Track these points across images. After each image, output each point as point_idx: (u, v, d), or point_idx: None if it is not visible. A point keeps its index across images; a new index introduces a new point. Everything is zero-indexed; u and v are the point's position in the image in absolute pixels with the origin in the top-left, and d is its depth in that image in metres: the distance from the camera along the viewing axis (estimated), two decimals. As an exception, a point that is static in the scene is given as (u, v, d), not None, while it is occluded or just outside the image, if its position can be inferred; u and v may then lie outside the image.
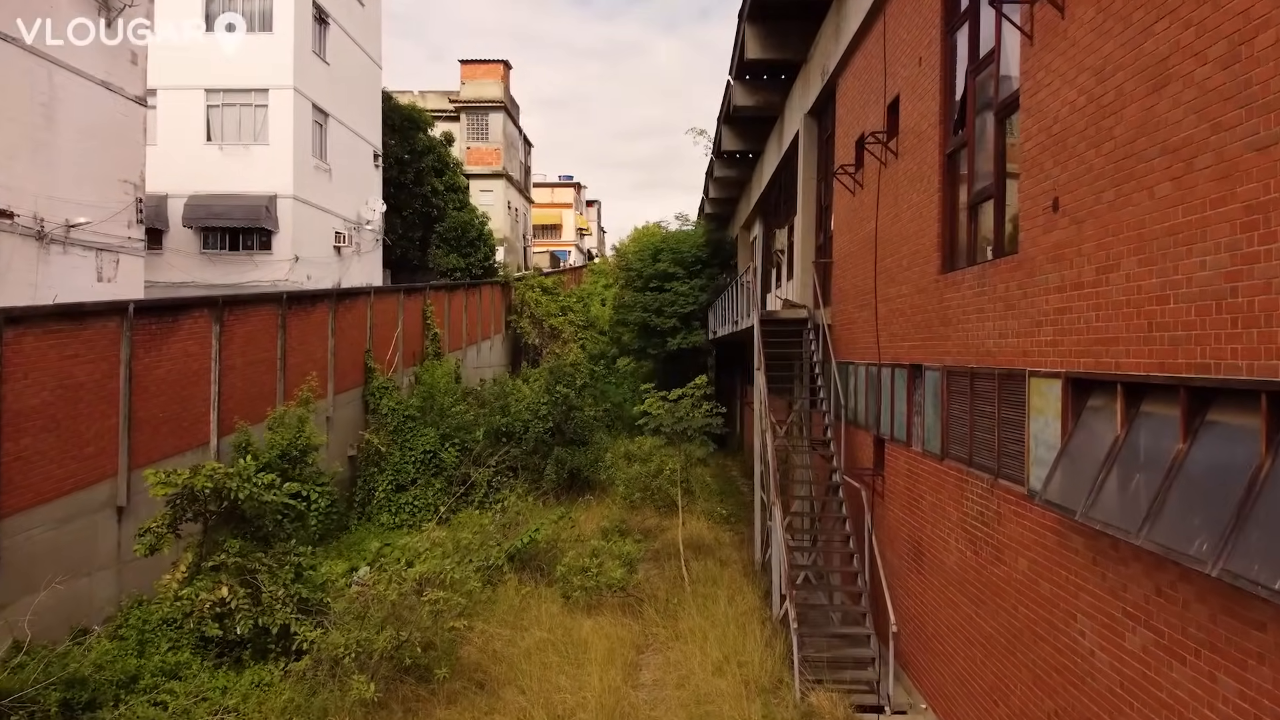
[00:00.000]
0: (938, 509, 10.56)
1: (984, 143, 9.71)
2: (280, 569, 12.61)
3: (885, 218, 13.02)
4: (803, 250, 19.81)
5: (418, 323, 28.06)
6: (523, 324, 41.64)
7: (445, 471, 22.17)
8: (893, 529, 12.44)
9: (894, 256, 12.56)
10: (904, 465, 11.99)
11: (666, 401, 16.62)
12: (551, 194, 74.37)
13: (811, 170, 19.65)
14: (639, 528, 20.92)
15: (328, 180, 31.20)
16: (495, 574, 15.03)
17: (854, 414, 14.66)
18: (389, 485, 21.58)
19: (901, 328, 12.13)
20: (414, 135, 38.20)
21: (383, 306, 24.93)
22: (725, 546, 19.45)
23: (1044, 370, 7.71)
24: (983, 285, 9.16)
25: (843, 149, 16.19)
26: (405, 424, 22.39)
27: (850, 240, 15.47)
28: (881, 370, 13.13)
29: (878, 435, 13.35)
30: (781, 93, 22.76)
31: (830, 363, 15.28)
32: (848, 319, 15.52)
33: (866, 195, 14.34)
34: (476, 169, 44.38)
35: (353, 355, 22.73)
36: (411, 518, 21.23)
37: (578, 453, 23.19)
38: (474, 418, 24.31)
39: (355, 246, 33.43)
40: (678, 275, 33.65)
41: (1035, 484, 7.87)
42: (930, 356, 10.87)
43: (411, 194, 37.75)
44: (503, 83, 44.98)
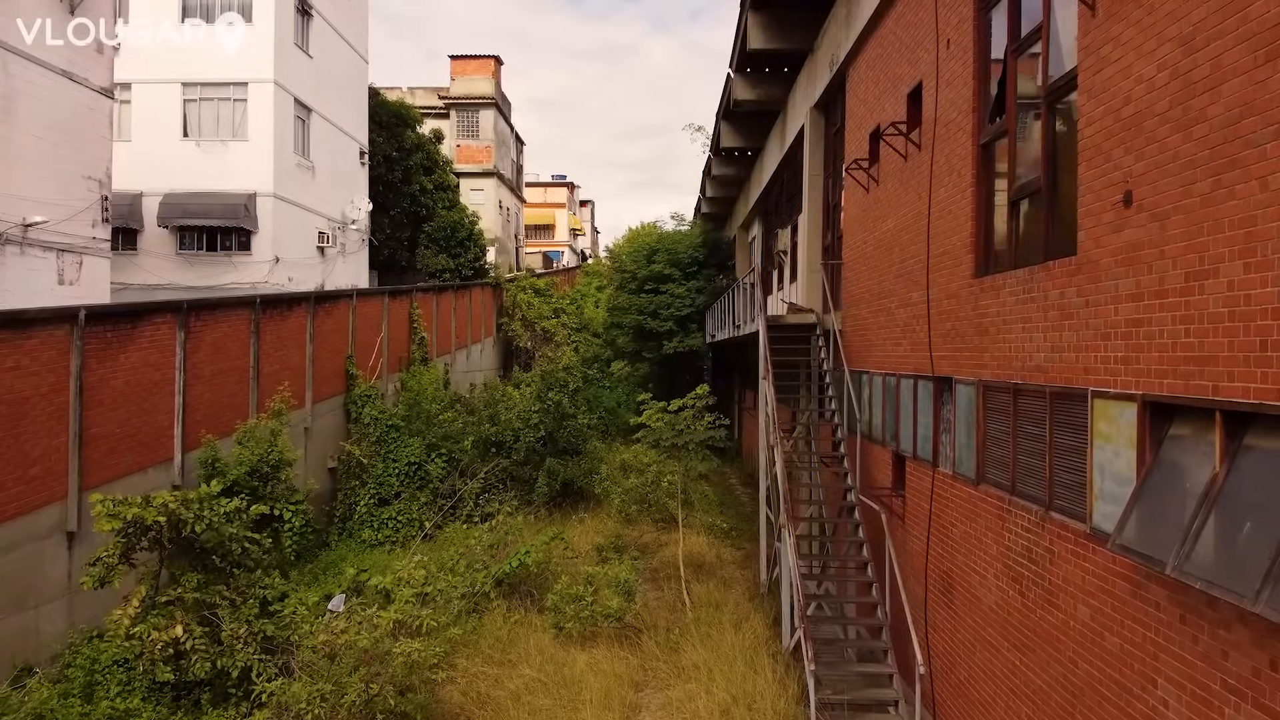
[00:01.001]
0: (972, 539, 9.47)
1: (1028, 131, 8.63)
2: (243, 603, 11.48)
3: (906, 216, 11.94)
4: (808, 251, 18.73)
5: (404, 326, 26.91)
6: (514, 327, 40.50)
7: (431, 484, 21.03)
8: (916, 557, 11.35)
9: (917, 258, 11.48)
10: (929, 487, 10.91)
11: (666, 413, 15.51)
12: (544, 194, 73.16)
13: (818, 167, 18.58)
14: (635, 543, 19.82)
15: (310, 178, 30.03)
16: (481, 601, 13.91)
17: (869, 428, 13.59)
18: (371, 499, 20.43)
19: (927, 336, 11.04)
20: (402, 132, 37.05)
21: (366, 309, 23.78)
22: (727, 564, 18.35)
23: (1113, 391, 6.63)
24: (1029, 291, 8.08)
25: (854, 143, 15.12)
26: (389, 434, 21.24)
27: (863, 240, 14.40)
28: (902, 382, 12.05)
29: (897, 452, 12.27)
30: (784, 86, 21.69)
31: (843, 372, 14.20)
32: (860, 325, 14.45)
33: (883, 192, 13.26)
34: (467, 167, 43.20)
35: (333, 361, 21.57)
36: (395, 533, 20.08)
37: (571, 463, 22.07)
38: (462, 426, 23.18)
39: (340, 247, 32.25)
40: (673, 277, 32.57)
41: (1101, 522, 6.79)
42: (963, 369, 9.78)
43: (399, 193, 36.60)
44: (494, 78, 43.80)
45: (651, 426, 15.45)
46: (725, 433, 15.82)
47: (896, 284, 12.45)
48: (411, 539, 19.73)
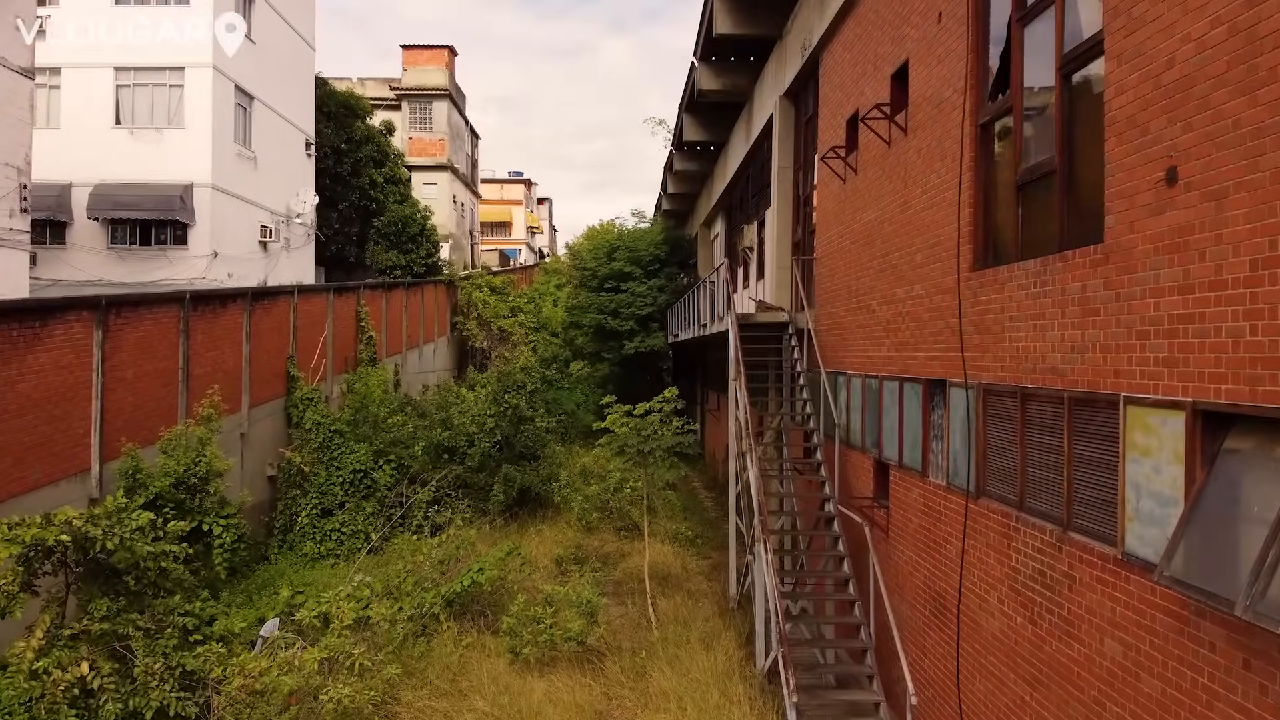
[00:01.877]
0: (971, 558, 8.62)
1: (1039, 106, 7.78)
2: (161, 634, 10.26)
3: (891, 206, 11.08)
4: (777, 247, 17.87)
5: (350, 325, 25.60)
6: (469, 326, 39.21)
7: (378, 493, 19.82)
8: (904, 574, 10.49)
9: (903, 251, 10.63)
10: (918, 499, 10.05)
11: (631, 417, 14.52)
12: (501, 190, 71.74)
13: (788, 158, 17.73)
14: (597, 554, 18.83)
15: (252, 169, 28.56)
16: (430, 623, 12.81)
17: (847, 433, 12.72)
18: (313, 510, 19.17)
19: (914, 335, 10.19)
20: (351, 123, 35.62)
21: (309, 307, 22.47)
22: (694, 576, 17.42)
23: (1152, 397, 5.78)
24: (1042, 284, 7.22)
25: (829, 131, 14.26)
26: (332, 440, 19.98)
27: (840, 234, 13.54)
28: (885, 384, 11.19)
29: (879, 459, 11.42)
30: (751, 75, 20.83)
31: (820, 373, 13.32)
32: (836, 323, 13.59)
33: (862, 181, 12.40)
34: (419, 161, 41.79)
35: (272, 363, 20.25)
36: (339, 546, 18.86)
37: (529, 469, 21.00)
38: (412, 431, 21.96)
39: (284, 242, 30.79)
40: (635, 275, 31.60)
41: (1136, 546, 5.94)
42: (957, 370, 8.93)
43: (348, 186, 35.17)
44: (447, 69, 42.45)
45: (615, 432, 14.44)
46: (694, 438, 14.86)
47: (878, 279, 11.59)
48: (357, 552, 18.52)
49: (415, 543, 18.75)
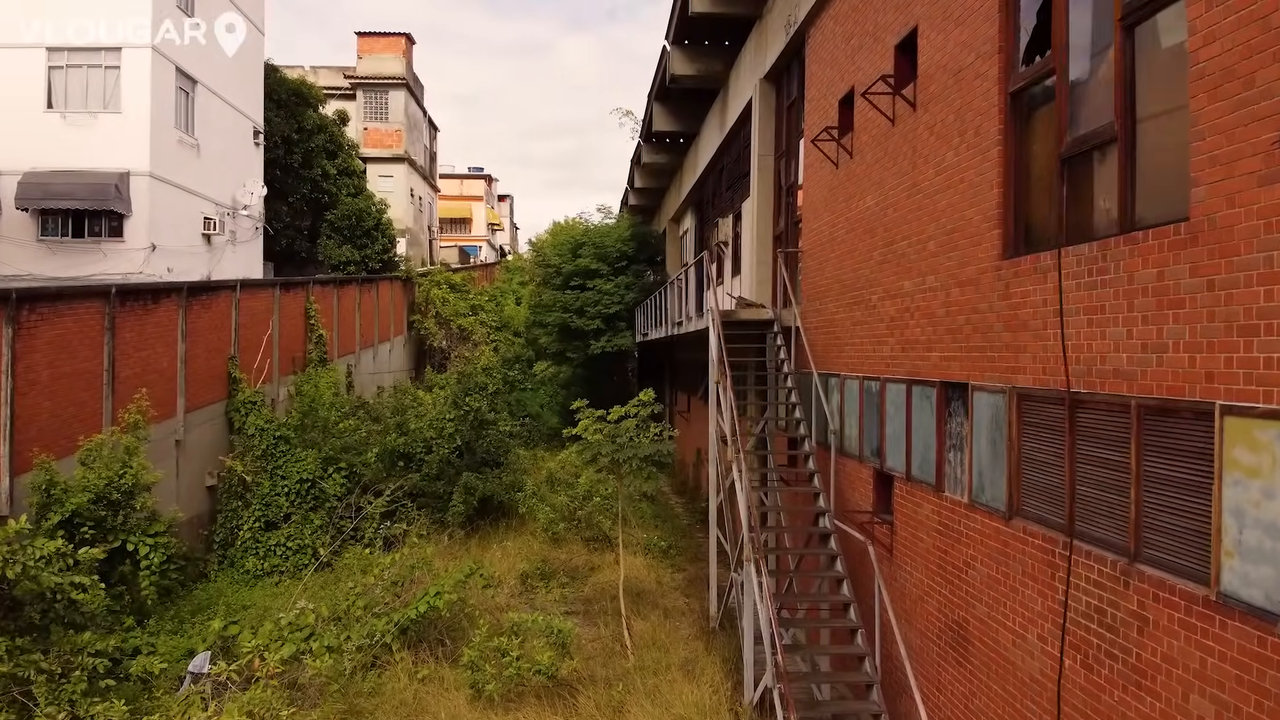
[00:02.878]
0: (1001, 587, 7.55)
1: (1091, 67, 6.72)
2: (67, 677, 8.88)
3: (895, 189, 10.01)
4: (756, 240, 16.79)
5: (299, 323, 24.09)
6: (427, 324, 37.68)
7: (328, 503, 18.41)
8: (913, 599, 9.42)
9: (911, 239, 9.56)
10: (931, 516, 8.98)
11: (604, 422, 13.32)
12: (460, 186, 69.99)
13: (768, 145, 16.64)
14: (565, 567, 17.61)
15: (195, 157, 26.89)
16: (382, 653, 11.51)
17: (841, 440, 11.65)
18: (256, 522, 17.72)
19: (926, 332, 9.12)
20: (302, 112, 33.96)
21: (253, 304, 20.98)
22: (670, 591, 16.27)
23: (1263, 407, 4.72)
24: (1101, 272, 6.16)
25: (818, 113, 13.19)
26: (277, 446, 18.51)
27: (830, 224, 12.47)
28: (888, 387, 10.12)
29: (881, 470, 10.35)
30: (727, 60, 19.72)
31: (811, 375, 12.22)
32: (828, 320, 12.52)
33: (859, 165, 11.33)
34: (375, 152, 40.14)
35: (212, 363, 18.75)
36: (284, 562, 17.43)
37: (491, 477, 19.71)
38: (365, 436, 20.57)
39: (230, 235, 29.09)
40: (601, 272, 30.38)
41: (1239, 588, 4.89)
42: (983, 373, 7.86)
43: (299, 178, 33.51)
44: (404, 58, 40.85)
45: (588, 440, 13.22)
46: (672, 446, 13.73)
47: (879, 272, 10.53)
48: (304, 568, 17.13)
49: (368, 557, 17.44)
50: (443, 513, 19.10)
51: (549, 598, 16.05)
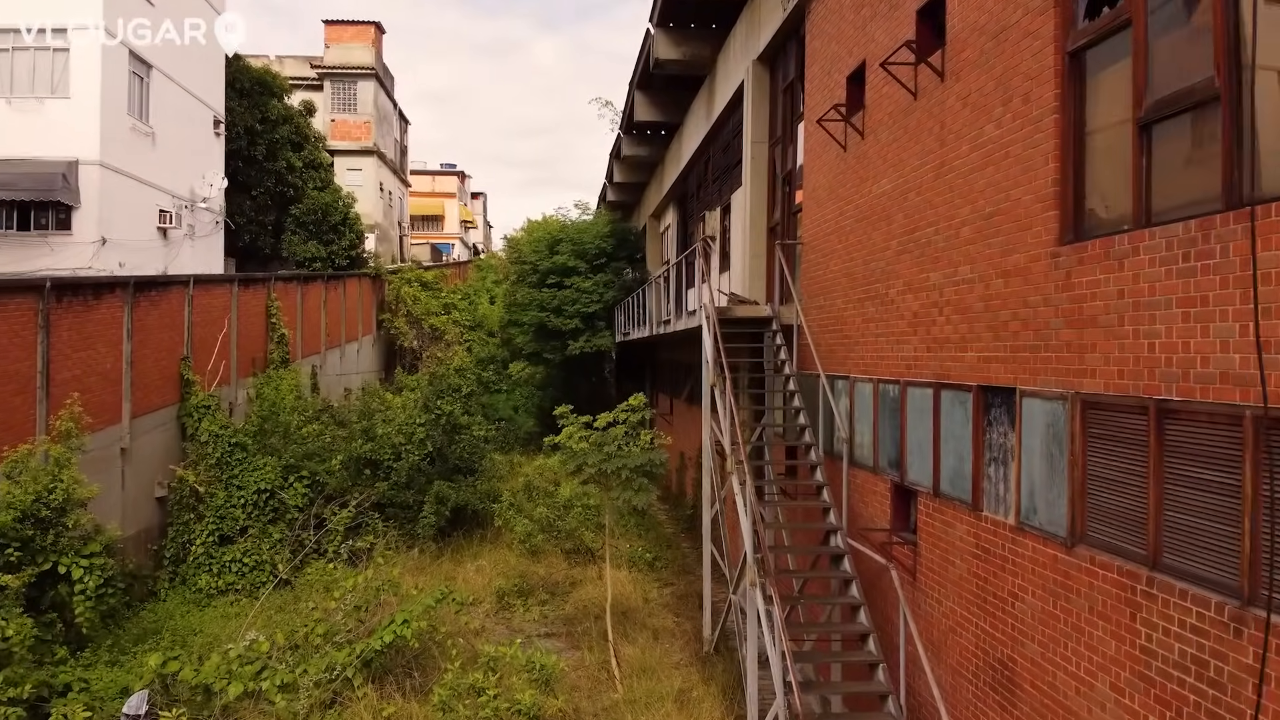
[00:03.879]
0: (1060, 624, 6.52)
1: (1178, 14, 5.70)
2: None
3: (919, 170, 8.96)
4: (749, 233, 15.74)
5: (259, 322, 22.74)
6: (398, 324, 36.31)
7: (288, 515, 17.13)
8: (943, 632, 8.38)
9: (939, 225, 8.52)
10: (966, 538, 7.94)
11: (591, 429, 12.17)
12: (433, 182, 68.45)
13: (762, 131, 15.59)
14: (544, 583, 16.46)
15: (150, 146, 25.43)
16: (344, 688, 10.31)
17: (851, 449, 10.59)
18: (210, 537, 16.41)
19: (959, 330, 8.08)
20: (267, 102, 32.50)
21: (208, 300, 19.63)
22: (657, 609, 15.16)
23: None
24: (1203, 256, 5.13)
25: (821, 93, 12.15)
26: (233, 454, 17.20)
27: (837, 212, 11.42)
28: (910, 391, 9.08)
29: (901, 484, 9.31)
30: (714, 44, 18.66)
31: (818, 378, 11.14)
32: (834, 318, 11.48)
33: (872, 146, 10.29)
34: (343, 144, 38.69)
35: (162, 365, 17.40)
36: (240, 579, 16.14)
37: (464, 485, 18.50)
38: (330, 441, 19.29)
39: (188, 229, 27.62)
40: (579, 270, 29.21)
41: None
42: (1036, 376, 6.83)
43: (263, 170, 32.06)
44: (374, 47, 39.43)
45: (572, 449, 12.07)
46: (664, 456, 12.60)
47: (898, 263, 9.49)
48: (261, 586, 15.87)
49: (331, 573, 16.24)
50: (412, 524, 17.87)
51: (527, 617, 14.92)
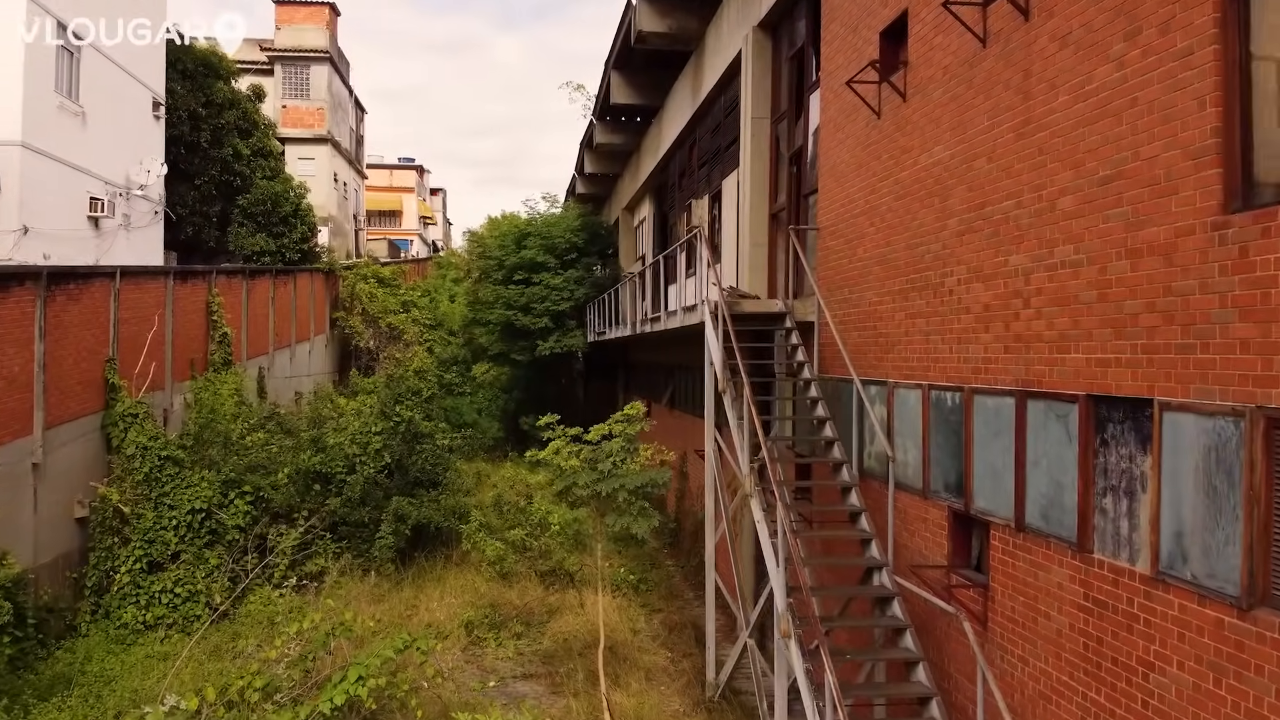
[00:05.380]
0: (1227, 707, 4.94)
1: None
2: None
3: (993, 132, 7.37)
4: (749, 220, 14.13)
5: (200, 320, 20.70)
6: (353, 322, 34.20)
7: (228, 536, 15.18)
8: (1032, 699, 6.76)
9: (1026, 196, 6.93)
10: (1067, 585, 6.35)
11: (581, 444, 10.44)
12: (390, 176, 66.03)
13: (764, 106, 14.00)
14: (518, 611, 14.71)
15: (81, 128, 23.17)
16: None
17: (888, 467, 8.99)
18: (137, 564, 14.41)
19: (1058, 325, 6.50)
20: (212, 85, 30.28)
21: (139, 296, 17.59)
22: (648, 642, 13.48)
23: None
24: None
25: (843, 55, 10.56)
26: (164, 469, 15.18)
27: (869, 189, 9.83)
28: (977, 399, 7.49)
29: (963, 511, 7.72)
30: (704, 13, 17.02)
31: (851, 383, 9.51)
32: (864, 313, 9.89)
33: (917, 108, 8.70)
34: (294, 132, 36.44)
35: (83, 367, 15.34)
36: (172, 613, 14.18)
37: (427, 500, 16.65)
38: (276, 452, 17.34)
39: (123, 219, 25.33)
40: (549, 265, 27.45)
41: None
42: (1187, 384, 5.25)
43: (207, 158, 29.84)
44: (328, 30, 37.24)
45: (561, 468, 10.32)
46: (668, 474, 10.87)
47: (958, 245, 7.90)
48: (196, 620, 13.93)
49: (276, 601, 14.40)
50: (368, 545, 15.99)
51: (501, 654, 13.16)
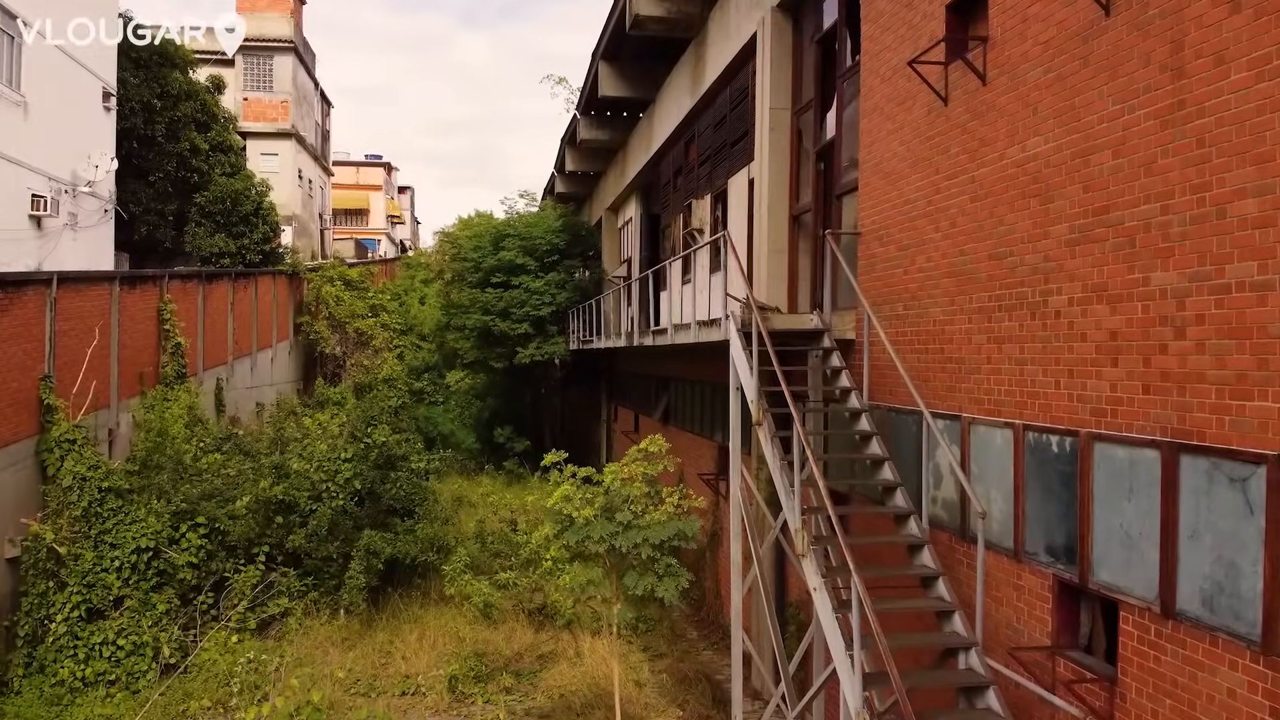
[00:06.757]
0: None
1: None
2: None
3: (1124, 120, 5.95)
4: (767, 222, 12.69)
5: (150, 329, 18.88)
6: (318, 328, 32.32)
7: (179, 576, 13.48)
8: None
9: (1176, 198, 5.54)
10: (1247, 695, 4.96)
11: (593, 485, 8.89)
12: (357, 174, 63.90)
13: (783, 96, 12.57)
14: (507, 660, 13.16)
15: (20, 118, 21.24)
16: None
17: (962, 521, 7.58)
18: (75, 610, 12.68)
19: (1232, 364, 5.10)
20: (167, 75, 28.35)
21: (80, 304, 15.79)
22: (656, 699, 12.01)
23: None
24: None
25: (894, 34, 9.16)
26: (105, 501, 13.43)
27: (932, 188, 8.42)
28: (1099, 448, 6.10)
29: (1078, 584, 6.32)
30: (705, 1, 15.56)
31: (921, 416, 8.04)
32: (927, 333, 8.48)
33: (1006, 92, 7.29)
34: (256, 126, 34.48)
35: (13, 386, 13.53)
36: (115, 667, 12.47)
37: (402, 531, 15.02)
38: (235, 476, 15.64)
39: (69, 218, 23.41)
40: (528, 268, 25.88)
41: None
42: None
43: (163, 153, 27.92)
44: (293, 18, 35.33)
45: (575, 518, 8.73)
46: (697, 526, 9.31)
47: (1069, 258, 6.50)
48: (142, 676, 12.26)
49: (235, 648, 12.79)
50: (336, 580, 14.36)
51: (490, 715, 11.61)
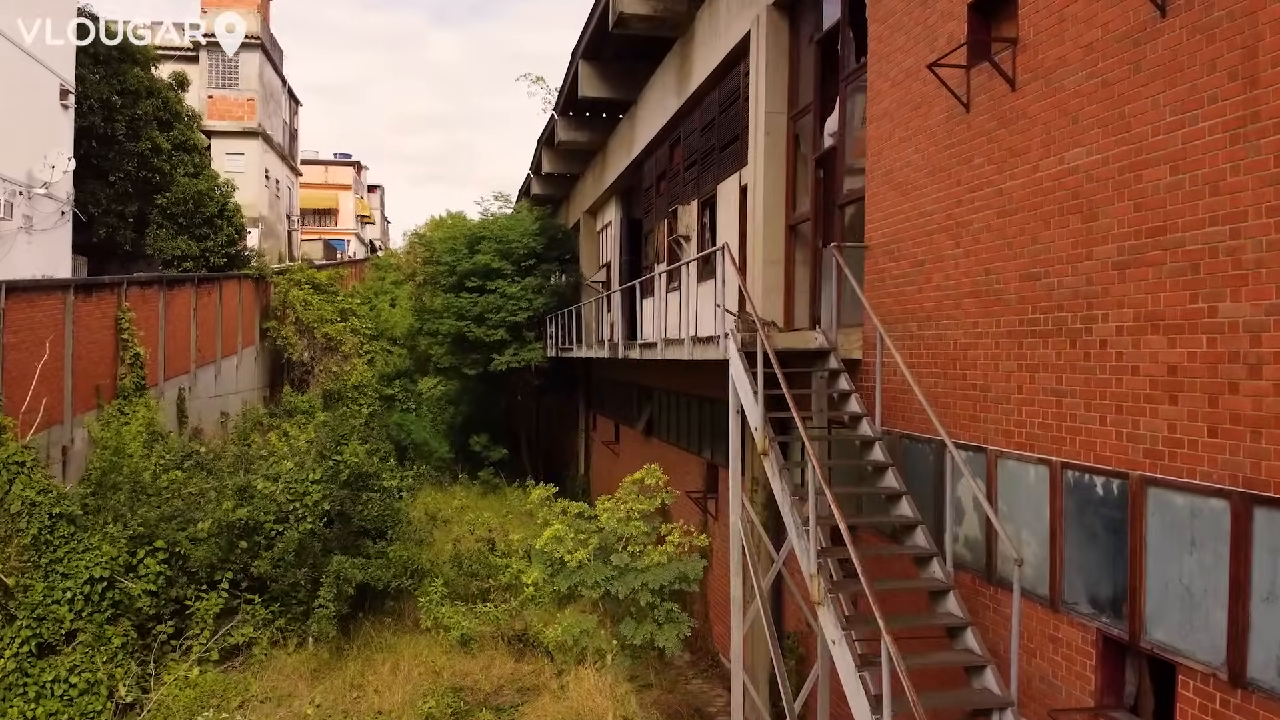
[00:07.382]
0: None
1: None
2: None
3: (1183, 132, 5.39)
4: (763, 232, 12.08)
5: (107, 339, 17.95)
6: (285, 333, 31.33)
7: (136, 605, 12.65)
8: None
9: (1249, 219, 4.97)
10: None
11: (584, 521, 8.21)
12: (326, 173, 62.66)
13: (779, 99, 11.96)
14: (486, 695, 12.43)
15: (-32, 116, 20.26)
16: None
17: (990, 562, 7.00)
18: (23, 646, 11.79)
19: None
20: (128, 71, 27.33)
21: (30, 314, 14.87)
22: (644, 735, 11.30)
23: None
24: None
25: (906, 34, 8.59)
26: (56, 529, 12.55)
27: (953, 200, 7.84)
28: (1154, 493, 5.53)
29: (1128, 640, 5.74)
30: (694, -2, 14.93)
31: (944, 446, 7.44)
32: (945, 356, 7.90)
33: (1039, 98, 6.71)
34: (221, 125, 33.43)
35: (-49, 405, 12.68)
36: (68, 708, 11.59)
37: (374, 554, 14.24)
38: (197, 495, 14.80)
39: (24, 221, 22.37)
40: (505, 272, 25.17)
41: None
42: None
43: (124, 152, 26.92)
44: (260, 14, 34.34)
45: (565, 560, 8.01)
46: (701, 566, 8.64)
47: (1117, 281, 5.92)
48: (96, 717, 11.41)
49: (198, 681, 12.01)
50: (304, 607, 13.57)
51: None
